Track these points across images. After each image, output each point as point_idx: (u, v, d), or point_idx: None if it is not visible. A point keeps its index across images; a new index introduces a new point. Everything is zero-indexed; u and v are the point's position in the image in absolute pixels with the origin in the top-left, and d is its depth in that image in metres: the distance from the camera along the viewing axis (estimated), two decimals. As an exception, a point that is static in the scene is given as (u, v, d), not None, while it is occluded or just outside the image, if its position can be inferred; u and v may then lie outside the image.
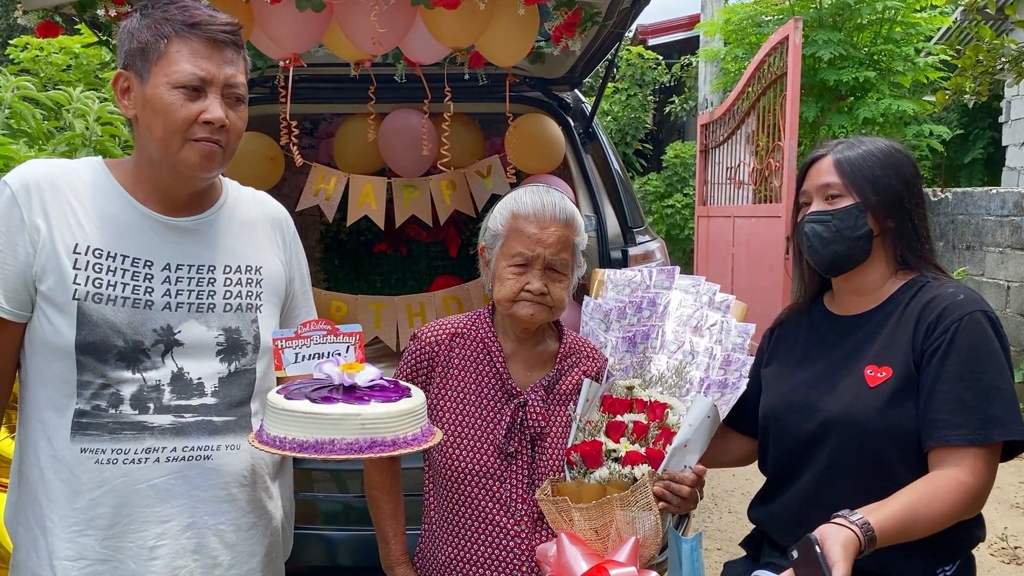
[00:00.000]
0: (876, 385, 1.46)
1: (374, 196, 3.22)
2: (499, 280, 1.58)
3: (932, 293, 1.48)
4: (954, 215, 6.91)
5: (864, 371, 1.48)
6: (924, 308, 1.46)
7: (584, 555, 1.46)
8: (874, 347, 1.50)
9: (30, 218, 1.31)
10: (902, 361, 1.45)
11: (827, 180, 1.53)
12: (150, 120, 1.33)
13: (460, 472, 1.57)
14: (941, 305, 1.45)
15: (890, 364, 1.46)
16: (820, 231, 1.52)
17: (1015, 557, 3.78)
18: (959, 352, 1.40)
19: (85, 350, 1.31)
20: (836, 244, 1.52)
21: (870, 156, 1.53)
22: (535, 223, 1.56)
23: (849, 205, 1.51)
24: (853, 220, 1.50)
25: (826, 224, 1.52)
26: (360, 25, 2.21)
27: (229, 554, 1.42)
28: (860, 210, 1.50)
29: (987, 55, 3.20)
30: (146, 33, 1.32)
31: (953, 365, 1.40)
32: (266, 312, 1.47)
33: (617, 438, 1.55)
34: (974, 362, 1.40)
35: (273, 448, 1.28)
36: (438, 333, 1.65)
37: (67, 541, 1.32)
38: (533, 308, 1.56)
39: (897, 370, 1.45)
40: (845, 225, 1.51)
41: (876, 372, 1.47)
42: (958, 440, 1.37)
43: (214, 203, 1.46)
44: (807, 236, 1.54)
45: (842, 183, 1.52)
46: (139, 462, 1.33)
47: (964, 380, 1.39)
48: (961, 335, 1.41)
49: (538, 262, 1.55)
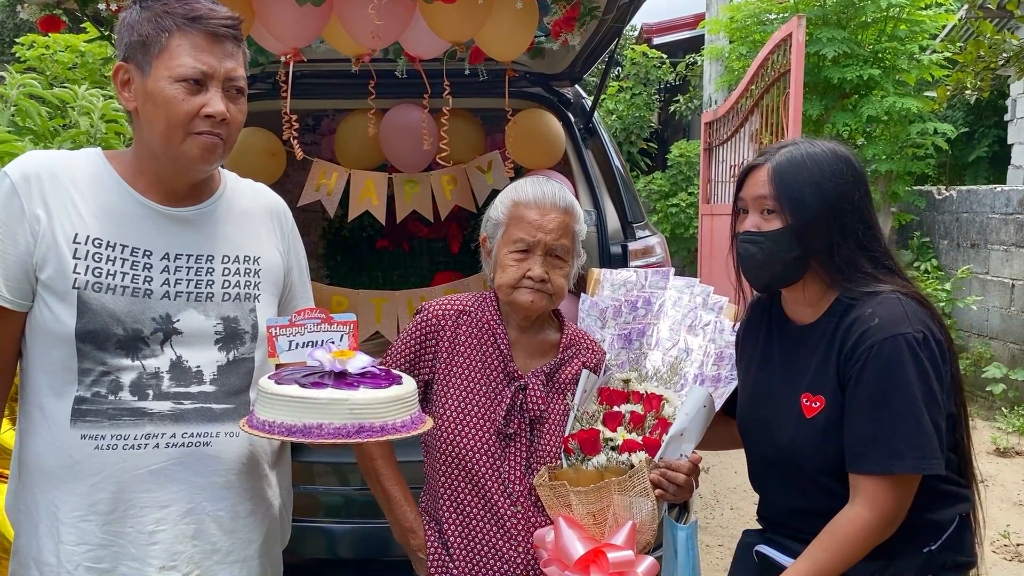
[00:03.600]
0: (811, 416, 1.47)
1: (375, 191, 3.23)
2: (500, 267, 1.61)
3: (854, 315, 1.44)
4: (958, 213, 6.89)
5: (801, 400, 1.48)
6: (845, 333, 1.43)
7: (581, 539, 1.48)
8: (810, 371, 1.49)
9: (30, 208, 1.33)
10: (831, 389, 1.45)
11: (762, 192, 1.48)
12: (152, 113, 1.34)
13: (461, 448, 1.58)
14: (858, 331, 1.41)
15: (822, 393, 1.46)
16: (754, 252, 1.49)
17: (1017, 554, 3.77)
18: (867, 383, 1.39)
19: (85, 338, 1.33)
20: (770, 267, 1.49)
21: (803, 170, 1.46)
22: (536, 209, 1.59)
23: (781, 228, 1.45)
24: (786, 243, 1.45)
25: (759, 246, 1.48)
26: (359, 19, 2.22)
27: (227, 540, 1.43)
28: (792, 232, 1.45)
29: (988, 51, 3.20)
30: (147, 26, 1.33)
31: (862, 395, 1.40)
32: (264, 302, 1.48)
33: (614, 427, 1.57)
34: (880, 393, 1.38)
35: (262, 432, 1.30)
36: (446, 308, 1.67)
37: (69, 526, 1.34)
38: (533, 295, 1.58)
39: (827, 398, 1.45)
40: (778, 248, 1.46)
41: (811, 402, 1.47)
42: (863, 470, 1.39)
43: (213, 194, 1.47)
44: (741, 256, 1.53)
45: (775, 200, 1.46)
46: (138, 448, 1.35)
47: (871, 411, 1.39)
48: (870, 364, 1.39)
49: (539, 248, 1.58)
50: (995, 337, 6.37)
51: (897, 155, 6.75)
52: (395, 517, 1.67)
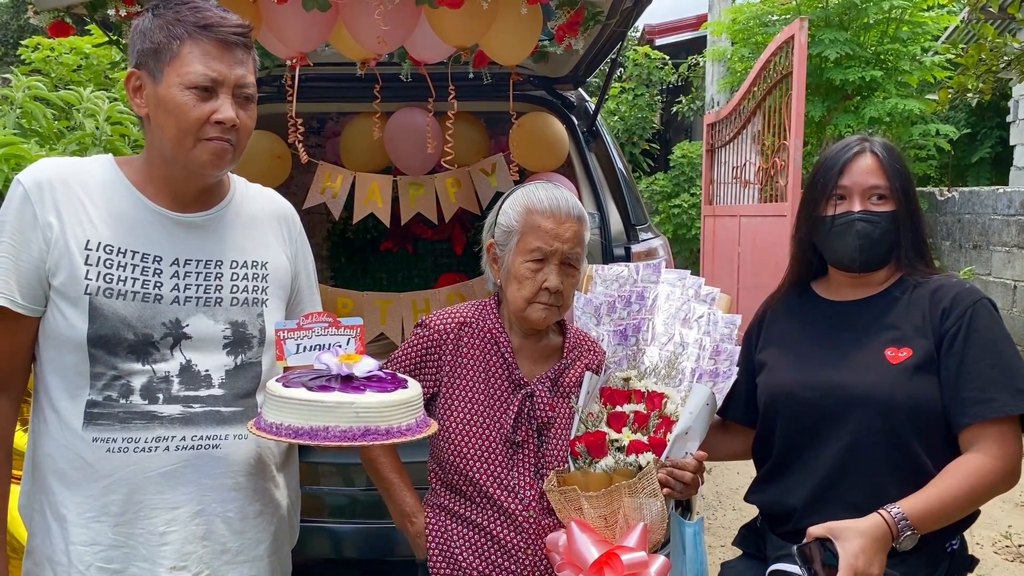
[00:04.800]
0: (898, 363, 1.52)
1: (380, 194, 3.25)
2: (516, 279, 1.60)
3: (936, 283, 1.57)
4: (961, 214, 6.90)
5: (884, 352, 1.54)
6: (933, 295, 1.55)
7: (594, 542, 1.49)
8: (887, 329, 1.57)
9: (43, 215, 1.35)
10: (921, 343, 1.52)
11: (876, 181, 1.58)
12: (163, 119, 1.36)
13: (469, 459, 1.59)
14: (951, 293, 1.54)
15: (909, 345, 1.53)
16: (870, 231, 1.57)
17: (1019, 555, 3.78)
18: (979, 334, 1.49)
19: (97, 343, 1.35)
20: (880, 246, 1.58)
21: (899, 160, 1.62)
22: (552, 219, 1.58)
23: (892, 210, 1.58)
24: (896, 225, 1.58)
25: (876, 225, 1.57)
26: (365, 24, 2.24)
27: (237, 540, 1.45)
28: (897, 217, 1.58)
29: (989, 54, 3.21)
30: (159, 34, 1.35)
31: (976, 347, 1.48)
32: (272, 306, 1.50)
33: (619, 428, 1.58)
34: (993, 343, 1.49)
35: (269, 434, 1.31)
36: (446, 321, 1.67)
37: (81, 527, 1.36)
38: (546, 311, 1.59)
39: (917, 351, 1.52)
40: (890, 229, 1.58)
41: (897, 352, 1.53)
42: (993, 413, 1.44)
43: (222, 199, 1.49)
44: (857, 234, 1.58)
45: (889, 187, 1.58)
46: (149, 450, 1.37)
47: (988, 359, 1.47)
48: (977, 319, 1.50)
49: (555, 257, 1.58)
50: (997, 338, 6.38)
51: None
52: (394, 503, 1.68)
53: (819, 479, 1.55)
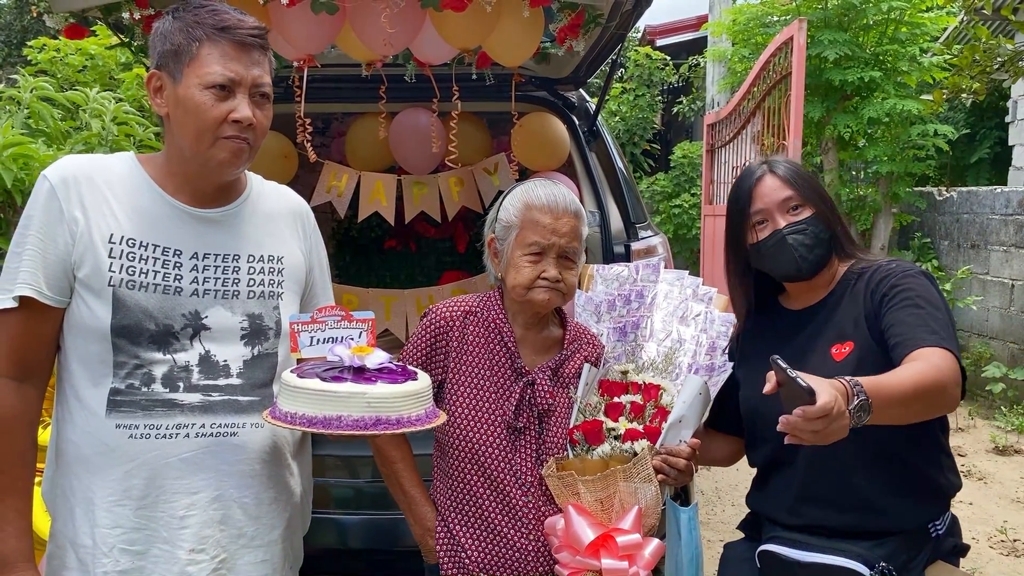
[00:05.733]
0: (842, 359, 1.56)
1: (384, 193, 3.30)
2: (514, 268, 1.66)
3: (873, 267, 1.65)
4: (959, 214, 6.94)
5: (830, 350, 1.59)
6: (868, 280, 1.61)
7: (591, 525, 1.55)
8: (833, 327, 1.62)
9: (68, 210, 1.40)
10: (860, 332, 1.56)
11: (787, 194, 1.66)
12: (182, 118, 1.41)
13: (473, 443, 1.65)
14: (884, 271, 1.60)
15: (851, 339, 1.57)
16: (803, 240, 1.64)
17: (1014, 549, 3.83)
18: (912, 290, 1.53)
19: (120, 333, 1.40)
20: (818, 248, 1.64)
21: (798, 167, 1.73)
22: (549, 214, 1.64)
23: (813, 213, 1.65)
24: (823, 225, 1.66)
25: (805, 232, 1.64)
26: (372, 27, 2.29)
27: (252, 525, 1.50)
28: (819, 217, 1.66)
29: (983, 55, 3.26)
30: (179, 36, 1.40)
31: (909, 302, 1.51)
32: (287, 299, 1.55)
33: (616, 417, 1.64)
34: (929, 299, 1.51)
35: (284, 423, 1.36)
36: (452, 310, 1.73)
37: (105, 511, 1.41)
38: (549, 293, 1.64)
39: (858, 341, 1.56)
40: (819, 230, 1.65)
41: (840, 348, 1.58)
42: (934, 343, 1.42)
43: (239, 196, 1.54)
44: (791, 246, 1.64)
45: (799, 195, 1.66)
46: (170, 437, 1.42)
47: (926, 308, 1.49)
48: (910, 279, 1.55)
49: (553, 250, 1.64)
50: (995, 337, 6.43)
51: (898, 156, 6.80)
52: (416, 518, 1.72)
53: (797, 483, 1.63)
